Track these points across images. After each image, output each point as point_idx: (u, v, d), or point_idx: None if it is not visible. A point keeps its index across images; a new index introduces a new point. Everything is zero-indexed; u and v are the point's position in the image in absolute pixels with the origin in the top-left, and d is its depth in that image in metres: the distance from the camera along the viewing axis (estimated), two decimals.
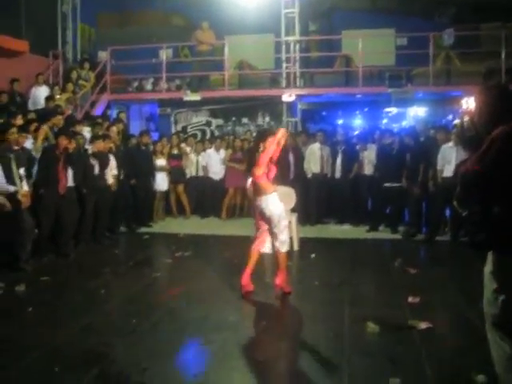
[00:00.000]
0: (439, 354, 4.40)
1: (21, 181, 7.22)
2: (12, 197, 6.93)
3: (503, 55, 11.86)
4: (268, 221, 5.86)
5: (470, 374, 3.86)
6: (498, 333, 2.98)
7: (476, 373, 3.82)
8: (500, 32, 12.08)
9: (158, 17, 17.75)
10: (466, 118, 3.16)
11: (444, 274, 7.03)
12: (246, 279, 6.01)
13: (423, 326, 4.94)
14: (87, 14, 15.91)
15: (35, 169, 7.88)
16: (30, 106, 11.65)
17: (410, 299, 5.77)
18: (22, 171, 7.34)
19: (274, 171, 5.93)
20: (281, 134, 5.80)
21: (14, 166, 7.09)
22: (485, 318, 3.08)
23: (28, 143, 8.20)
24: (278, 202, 5.83)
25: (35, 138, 8.34)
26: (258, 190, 5.88)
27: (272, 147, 5.74)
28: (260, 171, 5.76)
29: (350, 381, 3.91)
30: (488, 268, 3.01)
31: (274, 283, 6.06)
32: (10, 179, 6.98)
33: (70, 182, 8.33)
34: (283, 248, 5.84)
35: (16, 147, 7.49)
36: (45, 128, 8.56)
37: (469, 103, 3.16)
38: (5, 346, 4.61)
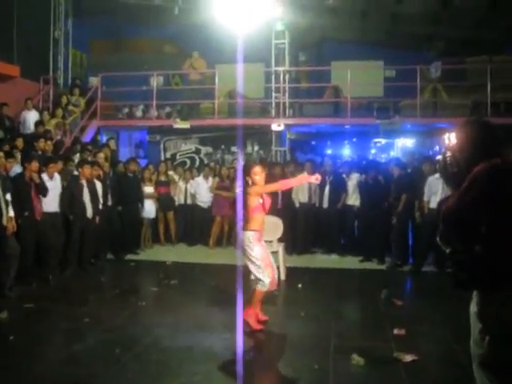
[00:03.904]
0: None
1: (6, 206, 7.17)
2: None
3: (489, 89, 12.03)
4: (246, 257, 5.85)
5: None
6: (485, 373, 2.92)
7: None
8: (486, 66, 12.27)
9: (150, 44, 17.89)
10: (448, 154, 3.14)
11: (430, 305, 7.00)
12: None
13: (409, 358, 4.92)
14: (80, 40, 16.05)
15: None
16: (21, 131, 11.64)
17: (396, 331, 5.76)
18: (8, 196, 7.30)
19: (269, 202, 5.98)
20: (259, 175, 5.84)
21: (0, 191, 7.05)
22: (472, 358, 3.02)
23: (16, 169, 8.18)
24: (253, 241, 5.79)
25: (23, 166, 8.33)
26: (243, 222, 5.90)
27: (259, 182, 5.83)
28: (253, 203, 5.80)
29: None
30: (473, 308, 2.98)
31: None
32: None
33: (56, 208, 8.31)
34: (258, 285, 5.80)
35: (3, 172, 7.46)
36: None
37: (450, 138, 3.16)
38: None
